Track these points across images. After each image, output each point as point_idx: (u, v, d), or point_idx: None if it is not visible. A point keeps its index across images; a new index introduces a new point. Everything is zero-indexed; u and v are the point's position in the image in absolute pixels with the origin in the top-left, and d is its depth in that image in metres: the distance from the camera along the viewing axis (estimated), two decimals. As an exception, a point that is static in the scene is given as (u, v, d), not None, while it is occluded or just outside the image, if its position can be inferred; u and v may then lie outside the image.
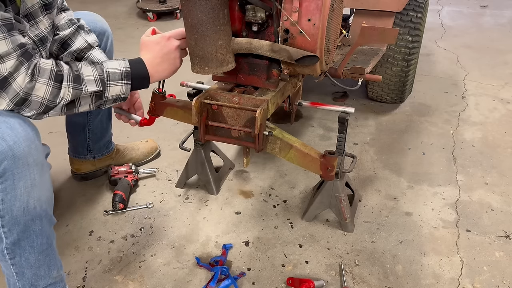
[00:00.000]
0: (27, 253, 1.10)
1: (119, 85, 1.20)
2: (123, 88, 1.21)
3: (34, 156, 1.03)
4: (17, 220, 1.04)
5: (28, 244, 1.09)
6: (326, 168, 1.43)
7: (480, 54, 3.26)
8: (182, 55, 1.33)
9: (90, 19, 1.59)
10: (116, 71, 1.19)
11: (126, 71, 1.20)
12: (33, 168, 1.02)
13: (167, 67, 1.28)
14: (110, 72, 1.18)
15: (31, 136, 1.04)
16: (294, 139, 1.47)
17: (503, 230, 1.61)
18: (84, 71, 1.15)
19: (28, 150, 1.01)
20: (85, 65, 1.16)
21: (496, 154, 2.07)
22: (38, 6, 1.25)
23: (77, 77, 1.12)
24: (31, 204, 1.04)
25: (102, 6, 4.59)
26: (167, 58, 1.27)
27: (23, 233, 1.07)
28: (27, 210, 1.04)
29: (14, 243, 1.07)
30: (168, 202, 1.77)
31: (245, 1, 1.30)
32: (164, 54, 1.27)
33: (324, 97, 2.55)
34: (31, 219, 1.06)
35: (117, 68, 1.19)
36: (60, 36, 1.44)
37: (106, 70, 1.18)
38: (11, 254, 1.09)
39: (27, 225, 1.06)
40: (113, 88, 1.19)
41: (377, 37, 1.51)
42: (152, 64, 1.25)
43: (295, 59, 1.26)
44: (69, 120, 1.79)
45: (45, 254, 1.14)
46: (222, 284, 1.37)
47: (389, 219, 1.67)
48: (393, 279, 1.42)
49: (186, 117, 1.58)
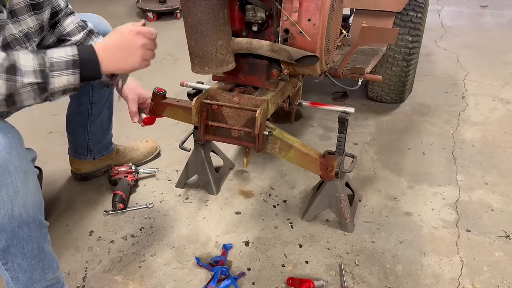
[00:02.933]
0: (18, 259, 1.09)
1: (65, 75, 1.07)
2: (71, 78, 1.08)
3: (16, 163, 1.01)
4: (4, 227, 1.02)
5: (18, 250, 1.08)
6: (326, 168, 1.43)
7: (480, 54, 3.26)
8: (146, 55, 1.21)
9: (93, 22, 1.59)
10: (61, 59, 1.07)
11: (73, 59, 1.08)
12: (14, 176, 1.00)
13: (122, 60, 1.17)
14: (53, 61, 1.06)
15: (12, 142, 1.01)
16: (294, 139, 1.47)
17: (503, 230, 1.61)
18: (21, 60, 1.02)
19: (9, 157, 0.99)
20: (25, 54, 1.04)
21: (496, 154, 2.07)
22: (24, 5, 1.23)
23: (11, 67, 1.00)
24: (16, 211, 1.02)
25: (102, 6, 4.59)
26: (126, 51, 1.17)
27: (11, 240, 1.05)
28: (12, 218, 1.02)
29: (3, 249, 1.06)
30: (168, 202, 1.77)
31: (245, 1, 1.30)
32: (124, 46, 1.17)
33: (324, 97, 2.55)
34: (18, 226, 1.04)
35: (63, 56, 1.07)
36: (72, 42, 1.44)
37: (48, 59, 1.05)
38: (3, 260, 1.08)
39: (15, 232, 1.05)
40: (58, 79, 1.06)
41: (377, 37, 1.51)
42: (107, 50, 1.14)
43: (295, 59, 1.26)
44: (69, 121, 1.79)
45: (37, 258, 1.12)
46: (222, 284, 1.37)
47: (389, 219, 1.67)
48: (393, 279, 1.42)
49: (186, 117, 1.58)
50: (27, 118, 1.14)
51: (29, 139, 1.61)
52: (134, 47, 1.18)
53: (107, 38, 1.19)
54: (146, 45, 1.20)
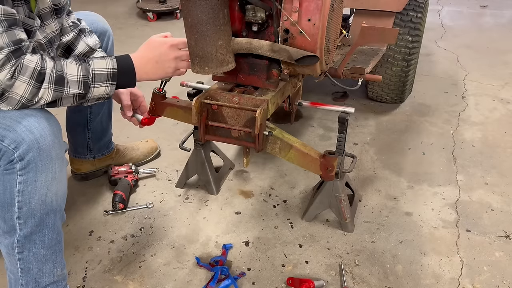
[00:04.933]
0: (36, 247, 1.11)
1: (104, 86, 1.17)
2: (107, 89, 1.18)
3: (57, 150, 1.06)
4: (34, 213, 1.06)
5: (39, 238, 1.10)
6: (326, 168, 1.43)
7: (480, 54, 3.26)
8: (179, 66, 1.30)
9: (91, 20, 1.59)
10: (103, 72, 1.16)
11: (113, 72, 1.17)
12: (55, 162, 1.05)
13: (156, 71, 1.26)
14: (96, 73, 1.15)
15: (55, 131, 1.07)
16: (294, 139, 1.47)
17: (503, 230, 1.61)
18: (68, 70, 1.11)
19: (53, 144, 1.04)
20: (70, 63, 1.12)
21: (496, 154, 2.07)
22: (49, 10, 1.25)
23: (59, 78, 1.09)
24: (49, 197, 1.06)
25: (102, 6, 4.59)
26: (160, 64, 1.26)
27: (36, 227, 1.08)
28: (44, 204, 1.06)
29: (26, 236, 1.09)
30: (168, 202, 1.77)
31: (245, 1, 1.30)
32: (159, 58, 1.25)
33: (324, 97, 2.55)
34: (47, 213, 1.08)
35: (104, 69, 1.16)
36: (63, 42, 1.45)
37: (92, 70, 1.14)
38: (20, 248, 1.10)
39: (42, 218, 1.08)
40: (97, 89, 1.16)
41: (377, 37, 1.51)
42: (142, 63, 1.23)
43: (295, 59, 1.26)
44: (69, 120, 1.79)
45: (53, 249, 1.15)
46: (222, 284, 1.37)
47: (389, 219, 1.67)
48: (393, 279, 1.42)
49: (186, 117, 1.58)
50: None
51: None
52: (167, 59, 1.26)
53: (142, 49, 1.26)
54: (179, 57, 1.28)
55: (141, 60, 1.23)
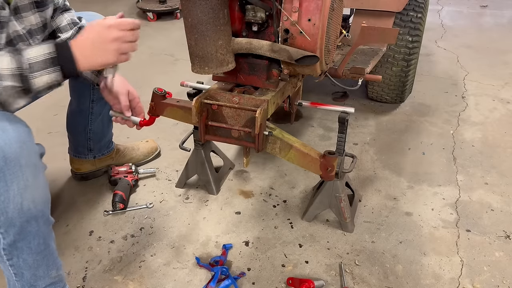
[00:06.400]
0: (24, 254, 1.09)
1: (46, 75, 1.07)
2: (52, 76, 1.08)
3: (27, 157, 1.01)
4: (12, 221, 1.02)
5: (25, 245, 1.08)
6: (326, 168, 1.43)
7: (480, 54, 3.26)
8: (122, 49, 1.15)
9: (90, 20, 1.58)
10: (39, 58, 1.06)
11: (51, 56, 1.07)
12: (25, 169, 1.01)
13: (96, 55, 1.13)
14: (31, 62, 1.05)
15: (23, 137, 1.02)
16: (294, 139, 1.47)
17: (503, 230, 1.61)
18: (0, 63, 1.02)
19: (20, 151, 0.99)
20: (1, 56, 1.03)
21: (496, 154, 2.07)
22: (28, 2, 1.23)
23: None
24: (25, 205, 1.02)
25: (103, 6, 4.59)
26: (98, 46, 1.13)
27: (19, 235, 1.05)
28: (21, 212, 1.02)
29: (10, 244, 1.06)
30: (168, 202, 1.77)
31: (245, 1, 1.30)
32: (95, 41, 1.13)
33: (324, 97, 2.55)
34: (26, 220, 1.04)
35: (40, 55, 1.06)
36: (61, 39, 1.42)
37: (26, 61, 1.05)
38: (8, 255, 1.08)
39: (23, 226, 1.05)
40: (39, 80, 1.06)
41: (377, 37, 1.51)
42: (79, 47, 1.11)
43: (295, 59, 1.26)
44: (70, 119, 1.79)
45: (42, 254, 1.13)
46: (222, 284, 1.37)
47: (389, 219, 1.67)
48: (393, 279, 1.42)
49: (186, 117, 1.58)
50: (27, 118, 1.14)
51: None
52: (106, 41, 1.13)
53: (80, 34, 1.15)
54: (120, 38, 1.14)
55: (79, 43, 1.11)
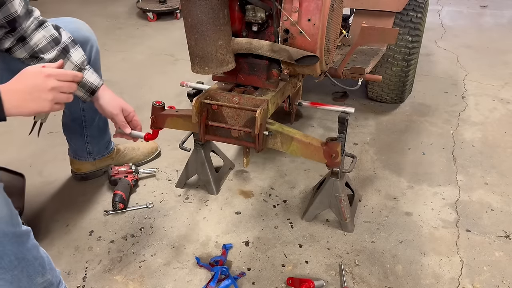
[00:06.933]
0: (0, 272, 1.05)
1: None
2: None
3: None
4: None
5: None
6: (330, 155, 1.39)
7: (480, 54, 3.26)
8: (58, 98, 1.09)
9: (73, 28, 1.51)
10: None
11: None
12: None
13: (29, 104, 1.06)
14: None
15: None
16: (295, 131, 1.45)
17: (503, 230, 1.61)
18: None
19: None
20: None
21: (496, 154, 2.07)
22: None
23: None
24: None
25: (102, 6, 4.59)
26: (33, 96, 1.06)
27: None
28: None
29: None
30: (168, 202, 1.77)
31: (245, 1, 1.30)
32: (31, 89, 1.06)
33: (324, 97, 2.55)
34: None
35: None
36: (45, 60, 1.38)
37: None
38: None
39: None
40: None
41: (377, 37, 1.51)
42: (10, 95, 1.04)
43: (295, 59, 1.26)
44: (65, 128, 1.79)
45: (19, 268, 1.08)
46: (222, 284, 1.37)
47: (389, 219, 1.67)
48: (393, 279, 1.42)
49: (187, 125, 1.55)
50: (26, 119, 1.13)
51: (29, 139, 1.62)
52: (42, 90, 1.07)
53: (14, 79, 1.07)
54: (57, 88, 1.09)
55: (10, 92, 1.04)
